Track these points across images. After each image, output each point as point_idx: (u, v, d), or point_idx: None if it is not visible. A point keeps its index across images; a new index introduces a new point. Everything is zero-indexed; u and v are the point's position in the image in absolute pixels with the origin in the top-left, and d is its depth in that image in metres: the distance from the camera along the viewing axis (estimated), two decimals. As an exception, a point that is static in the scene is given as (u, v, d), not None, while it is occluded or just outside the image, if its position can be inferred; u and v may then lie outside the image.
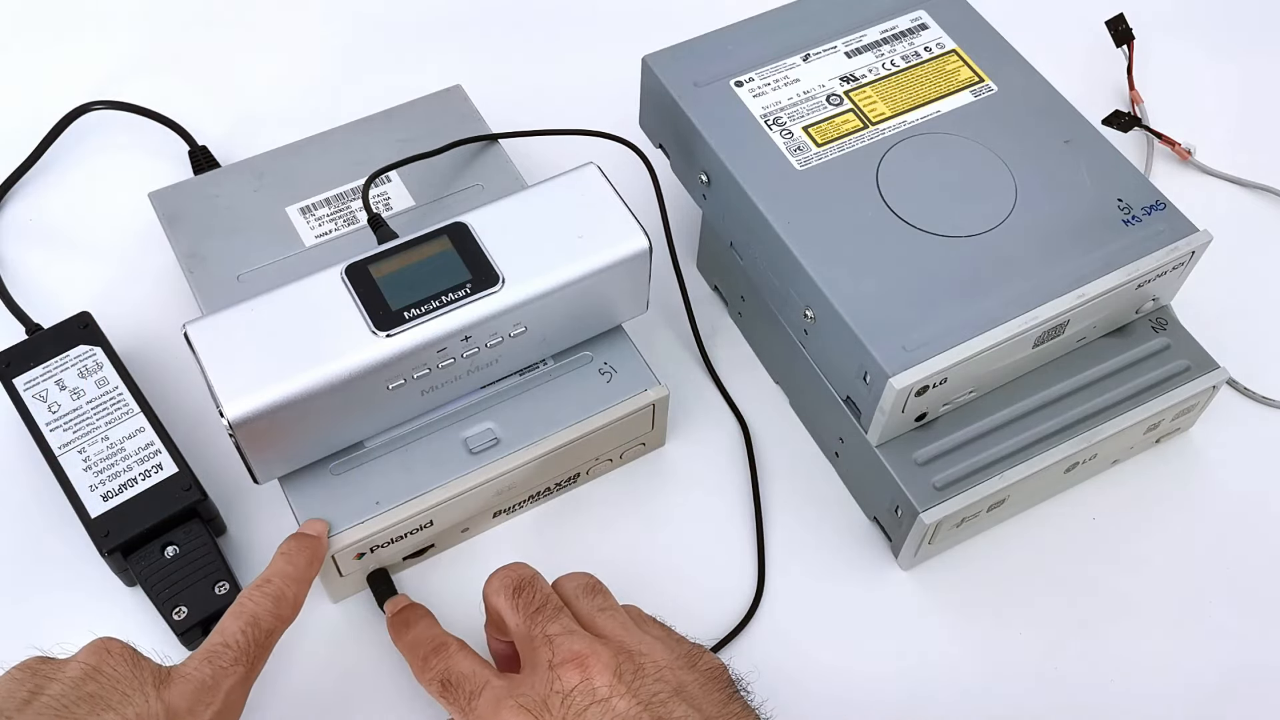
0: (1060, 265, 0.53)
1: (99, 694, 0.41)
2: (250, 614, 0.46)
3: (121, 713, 0.41)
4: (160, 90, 0.74)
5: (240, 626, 0.46)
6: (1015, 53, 0.61)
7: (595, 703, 0.42)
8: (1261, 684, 0.54)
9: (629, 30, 0.77)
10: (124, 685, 0.42)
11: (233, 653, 0.45)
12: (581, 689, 0.42)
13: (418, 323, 0.50)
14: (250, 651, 0.45)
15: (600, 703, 0.42)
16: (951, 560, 0.57)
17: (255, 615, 0.46)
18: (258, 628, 0.46)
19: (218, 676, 0.44)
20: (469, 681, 0.45)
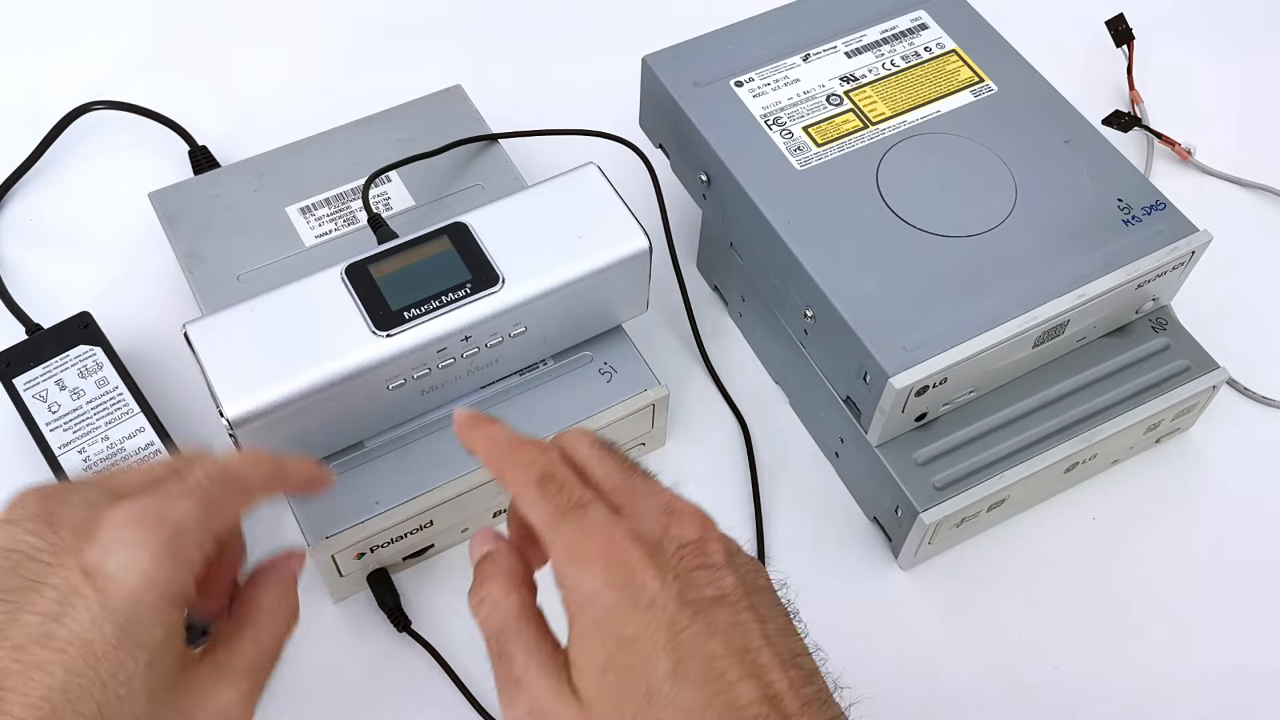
0: (1060, 265, 0.53)
1: (15, 588, 0.35)
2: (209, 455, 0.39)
3: (41, 605, 0.35)
4: (160, 90, 0.74)
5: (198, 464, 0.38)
6: (1015, 53, 0.61)
7: (706, 567, 0.40)
8: (1261, 683, 0.54)
9: (629, 30, 0.77)
10: (40, 565, 0.36)
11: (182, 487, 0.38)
12: (698, 547, 0.40)
13: (417, 323, 0.50)
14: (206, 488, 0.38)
15: (711, 569, 0.40)
16: (951, 560, 0.57)
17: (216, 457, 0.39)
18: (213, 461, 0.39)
19: (163, 510, 0.37)
20: (577, 489, 0.41)
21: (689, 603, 0.39)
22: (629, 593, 0.38)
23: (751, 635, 0.39)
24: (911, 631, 0.56)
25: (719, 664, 0.38)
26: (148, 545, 0.36)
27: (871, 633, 0.55)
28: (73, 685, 0.35)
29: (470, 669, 0.54)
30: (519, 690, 0.40)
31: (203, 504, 0.38)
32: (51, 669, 0.34)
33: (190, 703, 0.38)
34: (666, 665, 0.38)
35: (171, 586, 0.36)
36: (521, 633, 0.40)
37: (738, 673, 0.38)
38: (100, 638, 0.35)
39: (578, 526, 0.40)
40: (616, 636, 0.38)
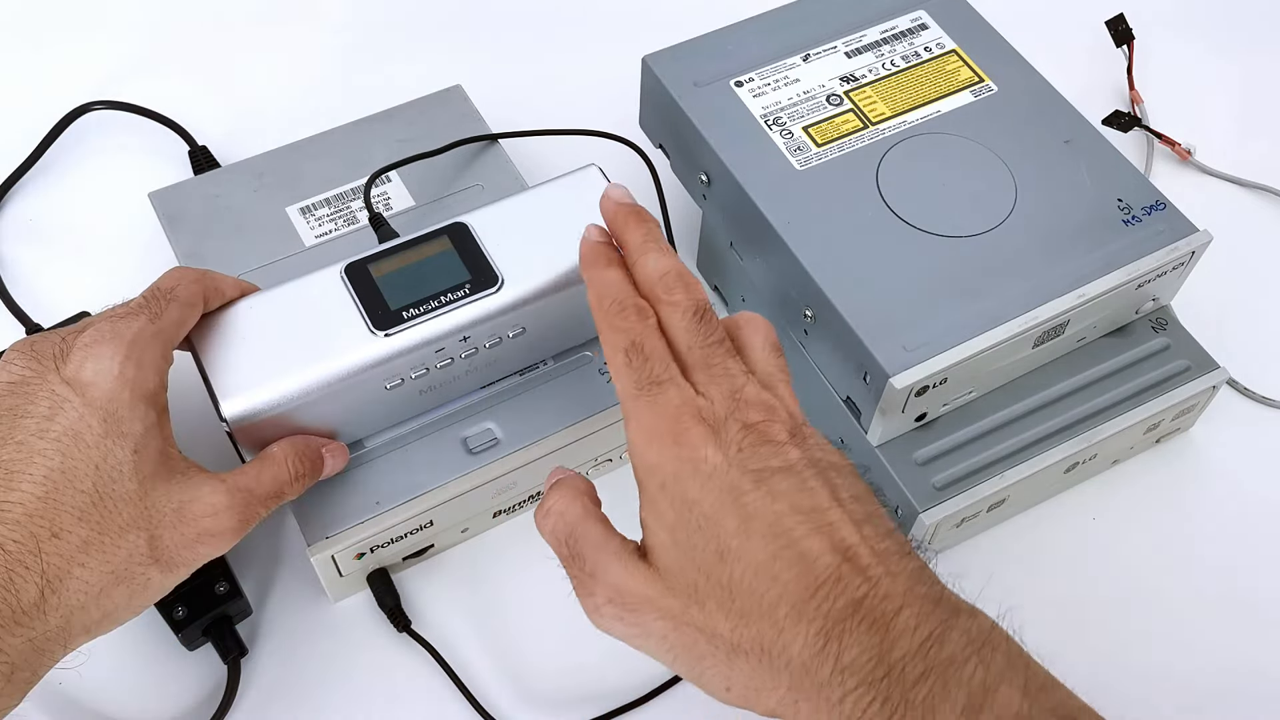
0: (1060, 265, 0.53)
1: (16, 406, 0.43)
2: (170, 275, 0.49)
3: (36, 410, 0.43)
4: (160, 90, 0.74)
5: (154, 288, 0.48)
6: (1015, 53, 0.61)
7: (770, 443, 0.42)
8: (1261, 683, 0.54)
9: (629, 30, 0.77)
10: (32, 383, 0.44)
11: (134, 307, 0.46)
12: (763, 429, 0.42)
13: (416, 322, 0.50)
14: (155, 303, 0.47)
15: (775, 445, 0.42)
16: (951, 560, 0.57)
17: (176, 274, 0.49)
18: (175, 281, 0.48)
19: (118, 330, 0.45)
20: (659, 364, 0.44)
21: (750, 471, 0.41)
22: (691, 463, 0.41)
23: (820, 498, 0.41)
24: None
25: (785, 521, 0.40)
26: (113, 355, 0.44)
27: (871, 633, 0.55)
28: (70, 467, 0.42)
29: (470, 669, 0.54)
30: (595, 582, 0.43)
31: (150, 317, 0.46)
32: (49, 454, 0.42)
33: (180, 491, 0.45)
34: (733, 523, 0.40)
35: (140, 385, 0.44)
36: (589, 532, 0.43)
37: (804, 530, 0.40)
38: (88, 429, 0.43)
39: (650, 404, 0.43)
40: (681, 498, 0.41)
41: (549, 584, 0.56)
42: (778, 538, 0.40)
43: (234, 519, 0.46)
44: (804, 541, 0.40)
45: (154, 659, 0.54)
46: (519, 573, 0.56)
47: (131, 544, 0.43)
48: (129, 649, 0.54)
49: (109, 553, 0.43)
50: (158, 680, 0.53)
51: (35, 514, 0.42)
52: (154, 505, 0.44)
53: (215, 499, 0.46)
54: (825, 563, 0.39)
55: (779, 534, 0.40)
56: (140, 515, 0.44)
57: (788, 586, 0.39)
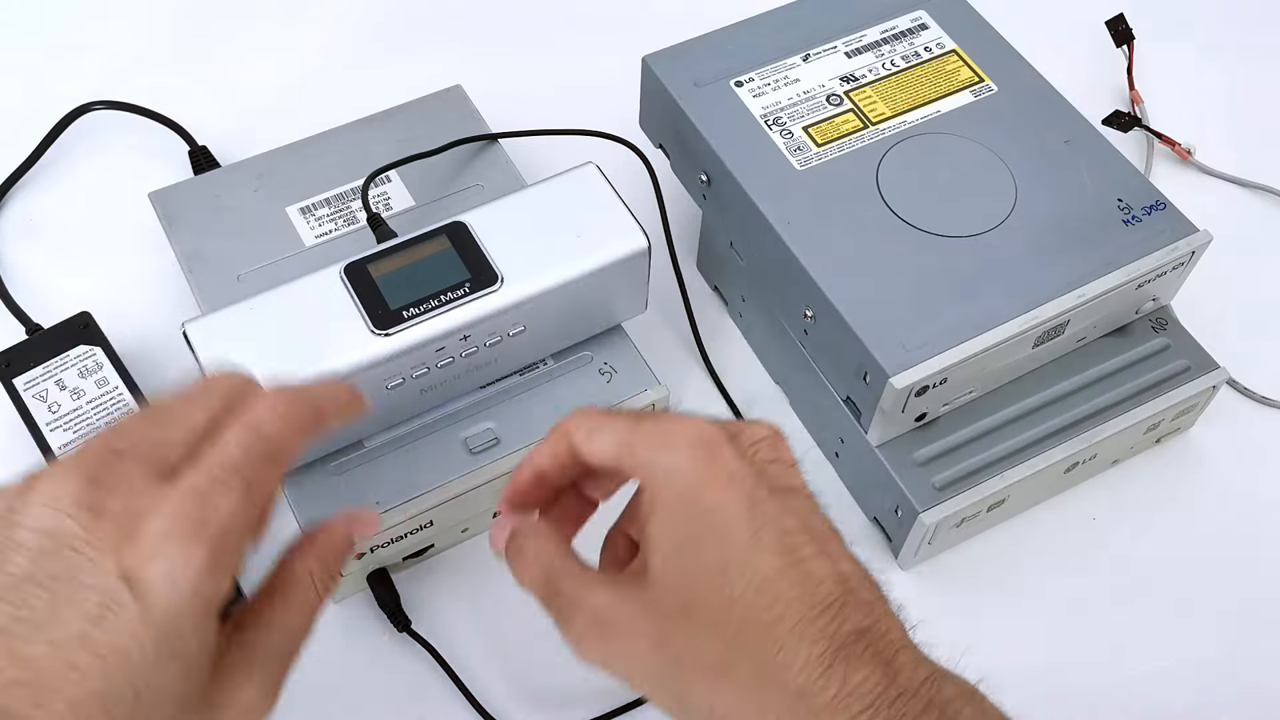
0: (1060, 265, 0.53)
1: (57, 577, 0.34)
2: (252, 424, 0.37)
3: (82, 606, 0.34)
4: (160, 90, 0.74)
5: (238, 437, 0.37)
6: (1015, 53, 0.61)
7: (780, 461, 0.41)
8: (1261, 683, 0.54)
9: (629, 30, 0.77)
10: (82, 559, 0.34)
11: (225, 471, 0.36)
12: (772, 442, 0.42)
13: (416, 322, 0.50)
14: (252, 467, 0.37)
15: (784, 464, 0.41)
16: (951, 560, 0.57)
17: (259, 425, 0.37)
18: (259, 435, 0.37)
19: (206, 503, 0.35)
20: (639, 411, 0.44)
21: (765, 486, 0.40)
22: (712, 467, 0.40)
23: (820, 524, 0.40)
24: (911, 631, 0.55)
25: (795, 538, 0.39)
26: (188, 561, 0.34)
27: (871, 633, 0.55)
28: (108, 691, 0.34)
29: (470, 669, 0.54)
30: (575, 609, 0.40)
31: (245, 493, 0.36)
32: (89, 672, 0.34)
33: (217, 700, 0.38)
34: (745, 533, 0.39)
35: (214, 598, 0.35)
36: (567, 568, 0.41)
37: (811, 550, 0.39)
38: (138, 649, 0.34)
39: (656, 422, 0.41)
40: (697, 506, 0.39)
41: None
42: (787, 553, 0.39)
43: (271, 695, 0.40)
44: (811, 562, 0.39)
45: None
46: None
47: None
48: (129, 649, 0.54)
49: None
50: (158, 680, 0.53)
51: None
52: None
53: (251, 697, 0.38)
54: (829, 588, 0.38)
55: (788, 550, 0.39)
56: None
57: (791, 605, 0.38)
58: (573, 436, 0.42)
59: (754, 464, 0.41)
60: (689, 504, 0.39)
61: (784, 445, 0.42)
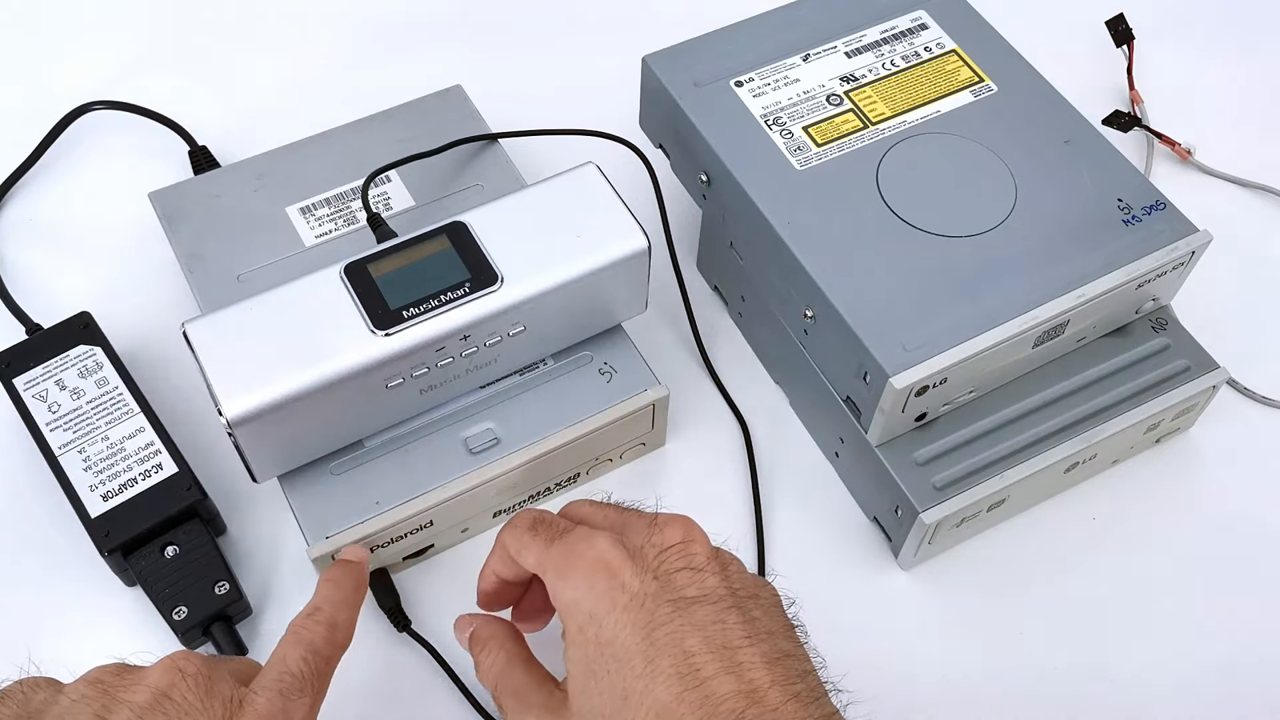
0: (1060, 265, 0.53)
1: None
2: (308, 642, 0.44)
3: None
4: (160, 90, 0.74)
5: (300, 654, 0.43)
6: (1015, 53, 0.61)
7: (689, 569, 0.42)
8: (1261, 683, 0.54)
9: (629, 30, 0.77)
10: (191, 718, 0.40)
11: (298, 682, 0.42)
12: (681, 550, 0.42)
13: (416, 322, 0.50)
14: (313, 680, 0.43)
15: (694, 571, 0.42)
16: (951, 560, 0.57)
17: (313, 643, 0.44)
18: (317, 655, 0.44)
19: (288, 709, 0.41)
20: (562, 522, 0.45)
21: (669, 601, 0.40)
22: (609, 594, 0.41)
23: (733, 634, 0.40)
24: (911, 631, 0.56)
25: (695, 660, 0.39)
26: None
27: (871, 633, 0.55)
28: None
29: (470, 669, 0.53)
30: (524, 716, 0.44)
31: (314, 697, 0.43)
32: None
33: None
34: (641, 664, 0.39)
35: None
36: (511, 683, 0.45)
37: (714, 668, 0.39)
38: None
39: (564, 544, 0.43)
40: (596, 641, 0.41)
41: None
42: (684, 678, 0.39)
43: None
44: (712, 682, 0.39)
45: (154, 659, 0.54)
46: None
47: None
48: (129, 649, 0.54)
49: None
50: (158, 680, 0.53)
51: None
52: None
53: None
54: (729, 706, 0.39)
55: (686, 674, 0.39)
56: None
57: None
58: (509, 549, 0.46)
59: (659, 577, 0.41)
60: (590, 637, 0.41)
61: (695, 549, 0.42)
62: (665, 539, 0.42)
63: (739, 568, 0.44)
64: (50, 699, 0.40)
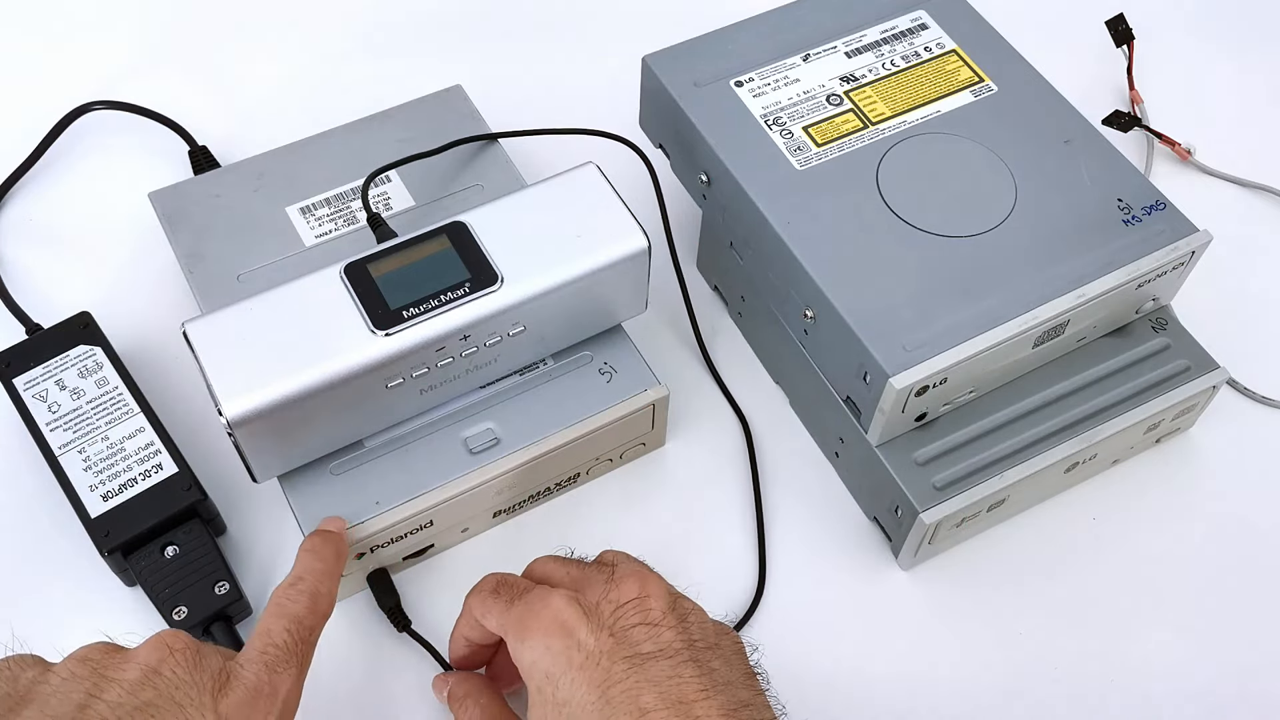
0: (1060, 265, 0.53)
1: (154, 703, 0.39)
2: (291, 613, 0.45)
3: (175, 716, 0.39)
4: (160, 90, 0.74)
5: (285, 626, 0.44)
6: (1015, 53, 0.61)
7: (645, 624, 0.42)
8: (1261, 683, 0.54)
9: (629, 30, 0.77)
10: (180, 693, 0.40)
11: (284, 653, 0.43)
12: (637, 605, 0.42)
13: (416, 322, 0.50)
14: (298, 651, 0.44)
15: (650, 626, 0.42)
16: (951, 560, 0.57)
17: (296, 614, 0.45)
18: (301, 625, 0.44)
19: (274, 681, 0.42)
20: (522, 583, 0.46)
21: (625, 658, 0.41)
22: (565, 653, 0.41)
23: (689, 688, 0.40)
24: (911, 631, 0.56)
25: (650, 717, 0.39)
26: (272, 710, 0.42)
27: (871, 633, 0.55)
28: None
29: (470, 669, 0.54)
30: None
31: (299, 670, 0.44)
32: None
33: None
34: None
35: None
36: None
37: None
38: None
39: (523, 605, 0.44)
40: (554, 701, 0.41)
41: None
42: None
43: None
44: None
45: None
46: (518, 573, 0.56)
47: None
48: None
49: None
50: (158, 680, 0.53)
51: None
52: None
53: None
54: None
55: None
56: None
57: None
58: (474, 613, 0.47)
59: (614, 634, 0.42)
60: (548, 696, 0.42)
61: (651, 603, 0.43)
62: (621, 595, 0.43)
63: (699, 617, 0.44)
64: (39, 677, 0.40)
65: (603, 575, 0.44)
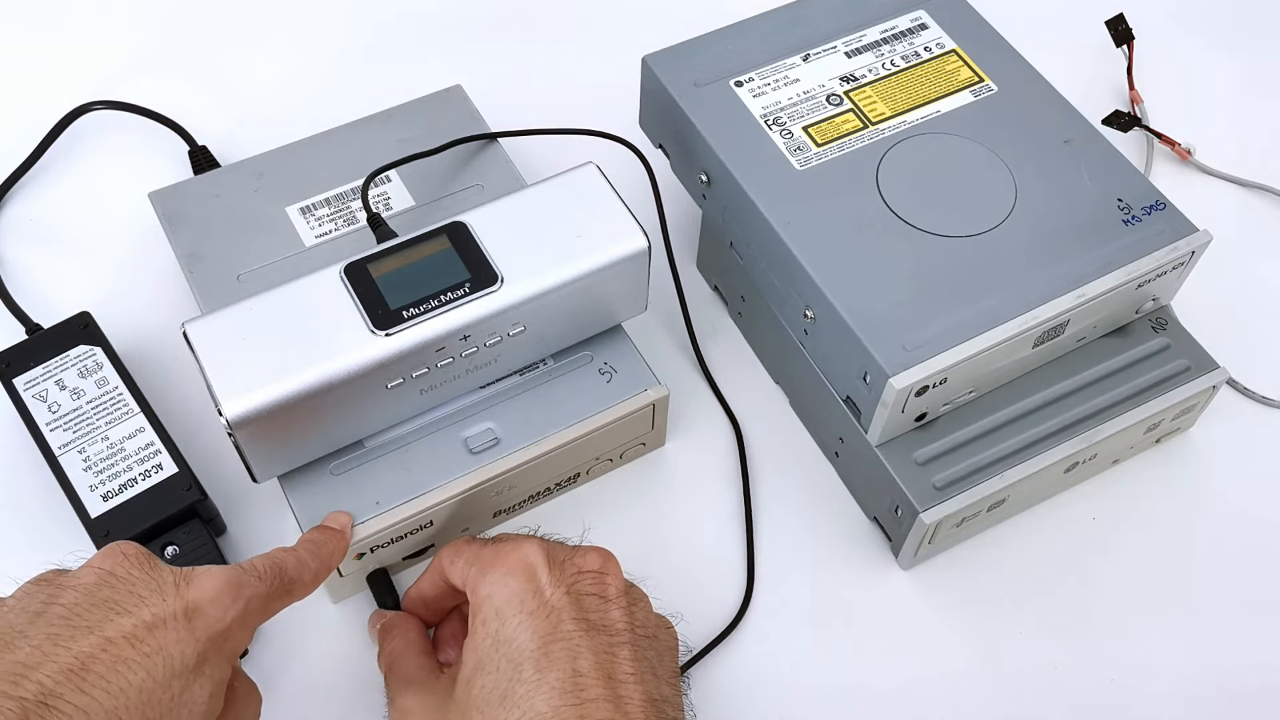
0: (1060, 265, 0.53)
1: (113, 599, 0.39)
2: (275, 557, 0.45)
3: (137, 615, 0.39)
4: (160, 90, 0.74)
5: (265, 561, 0.44)
6: (1015, 53, 0.61)
7: (598, 596, 0.44)
8: (1261, 683, 0.54)
9: (629, 30, 0.77)
10: (140, 587, 0.40)
11: (255, 574, 0.43)
12: (595, 578, 0.45)
13: (416, 322, 0.50)
14: (270, 581, 0.43)
15: (603, 599, 0.44)
16: (951, 560, 0.57)
17: (280, 560, 0.45)
18: (281, 569, 0.44)
19: (241, 582, 0.42)
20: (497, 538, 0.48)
21: (573, 619, 0.43)
22: (520, 595, 0.44)
23: (622, 666, 0.42)
24: (911, 631, 0.56)
25: (582, 680, 0.41)
26: (232, 604, 0.41)
27: (871, 632, 0.55)
28: (148, 689, 0.38)
29: (470, 669, 0.54)
30: (391, 702, 0.48)
31: (268, 591, 0.43)
32: (134, 668, 0.38)
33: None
34: (530, 671, 0.42)
35: (236, 650, 0.42)
36: (402, 664, 0.48)
37: (597, 693, 0.41)
38: (181, 657, 0.39)
39: (494, 545, 0.46)
40: (495, 638, 0.43)
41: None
42: (567, 694, 0.41)
43: None
44: (591, 705, 0.41)
45: None
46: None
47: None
48: (129, 649, 0.54)
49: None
50: (158, 680, 0.53)
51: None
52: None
53: None
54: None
55: (570, 690, 0.41)
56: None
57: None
58: (442, 560, 0.49)
59: (570, 594, 0.44)
60: (491, 631, 0.43)
61: (609, 580, 0.45)
62: (585, 564, 0.45)
63: (645, 607, 0.46)
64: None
65: (570, 546, 0.47)
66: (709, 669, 0.54)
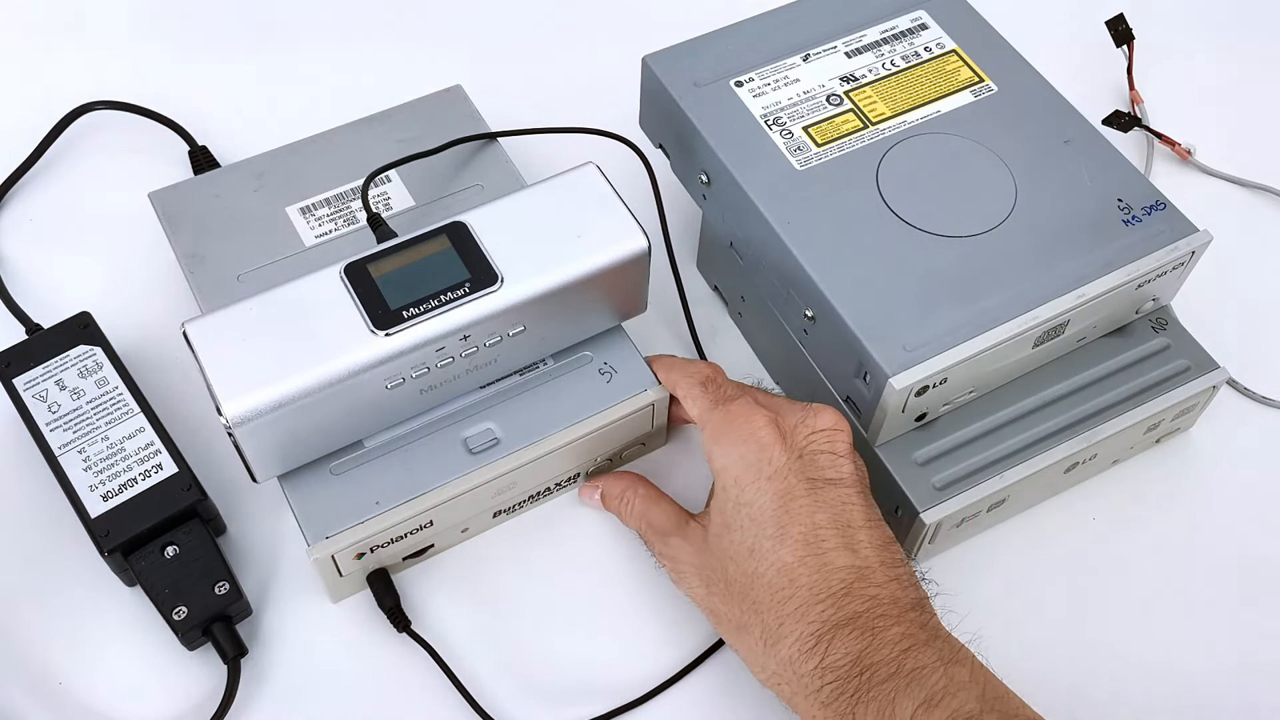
0: (1060, 265, 0.53)
1: None
2: None
3: None
4: (160, 90, 0.74)
5: None
6: (1015, 53, 0.61)
7: (831, 453, 0.48)
8: (1262, 682, 0.54)
9: (629, 30, 0.77)
10: None
11: None
12: (828, 436, 0.48)
13: (416, 322, 0.50)
14: None
15: (834, 455, 0.48)
16: (951, 560, 0.57)
17: None
18: None
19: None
20: (732, 388, 0.52)
21: (807, 479, 0.47)
22: (756, 465, 0.48)
23: (855, 515, 0.47)
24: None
25: (820, 532, 0.46)
26: None
27: (871, 633, 0.55)
28: None
29: (470, 669, 0.54)
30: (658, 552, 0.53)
31: None
32: None
33: None
34: (772, 528, 0.47)
35: None
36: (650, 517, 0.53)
37: (835, 542, 0.46)
38: None
39: (725, 412, 0.50)
40: (737, 501, 0.48)
41: (548, 584, 0.57)
42: (809, 544, 0.46)
43: None
44: (831, 554, 0.46)
45: (154, 659, 0.54)
46: (519, 573, 0.57)
47: None
48: (129, 649, 0.54)
49: None
50: (158, 680, 0.53)
51: None
52: None
53: None
54: (841, 577, 0.46)
55: (811, 542, 0.46)
56: None
57: (801, 589, 0.46)
58: (677, 390, 0.54)
59: (803, 455, 0.48)
60: (733, 496, 0.48)
61: (840, 438, 0.49)
62: (817, 423, 0.49)
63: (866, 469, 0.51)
64: None
65: (799, 405, 0.50)
66: (711, 667, 0.54)
